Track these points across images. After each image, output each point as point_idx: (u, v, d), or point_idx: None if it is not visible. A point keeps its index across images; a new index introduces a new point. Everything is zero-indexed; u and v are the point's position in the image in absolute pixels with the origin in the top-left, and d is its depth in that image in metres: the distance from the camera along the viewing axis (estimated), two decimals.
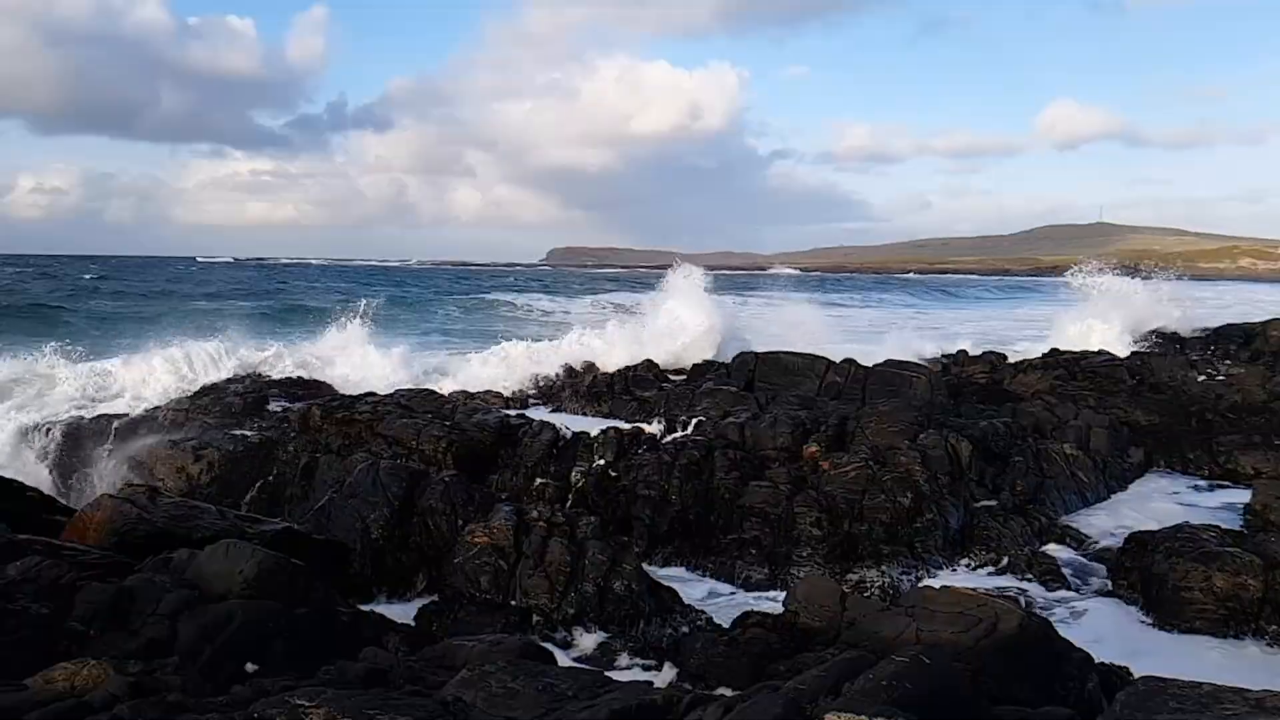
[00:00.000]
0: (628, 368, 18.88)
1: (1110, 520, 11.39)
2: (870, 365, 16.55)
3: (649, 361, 18.96)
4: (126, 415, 14.46)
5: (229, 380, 16.39)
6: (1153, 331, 23.05)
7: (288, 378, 17.06)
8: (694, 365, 18.88)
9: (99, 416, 14.51)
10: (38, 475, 13.08)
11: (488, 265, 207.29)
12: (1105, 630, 8.25)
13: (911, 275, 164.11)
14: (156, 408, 14.86)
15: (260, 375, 16.99)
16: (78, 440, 13.97)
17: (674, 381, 17.78)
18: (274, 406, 14.99)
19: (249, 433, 13.22)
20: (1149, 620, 8.43)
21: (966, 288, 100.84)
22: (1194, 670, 4.71)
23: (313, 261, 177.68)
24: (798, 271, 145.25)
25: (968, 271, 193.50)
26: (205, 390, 15.65)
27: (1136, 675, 5.19)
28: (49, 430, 14.16)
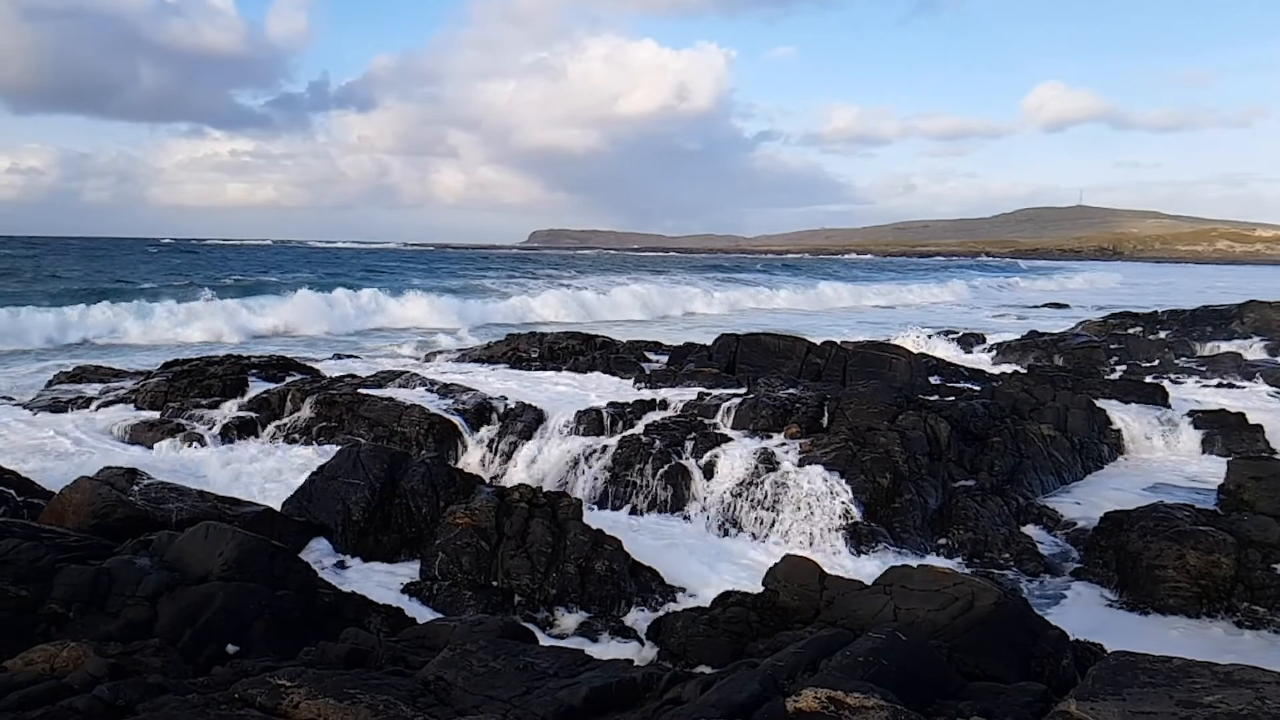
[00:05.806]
0: (610, 345, 18.93)
1: (1086, 500, 11.51)
2: (850, 347, 16.63)
3: (632, 342, 18.91)
4: None
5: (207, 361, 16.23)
6: (1126, 312, 23.27)
7: (269, 357, 16.89)
8: (675, 347, 18.95)
9: None
10: None
11: (471, 247, 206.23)
12: (1080, 608, 8.37)
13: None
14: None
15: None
16: None
17: (655, 361, 17.85)
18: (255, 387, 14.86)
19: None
20: (1123, 599, 8.55)
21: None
22: (1165, 647, 4.78)
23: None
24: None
25: (949, 254, 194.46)
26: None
27: (1109, 652, 5.27)
28: None
